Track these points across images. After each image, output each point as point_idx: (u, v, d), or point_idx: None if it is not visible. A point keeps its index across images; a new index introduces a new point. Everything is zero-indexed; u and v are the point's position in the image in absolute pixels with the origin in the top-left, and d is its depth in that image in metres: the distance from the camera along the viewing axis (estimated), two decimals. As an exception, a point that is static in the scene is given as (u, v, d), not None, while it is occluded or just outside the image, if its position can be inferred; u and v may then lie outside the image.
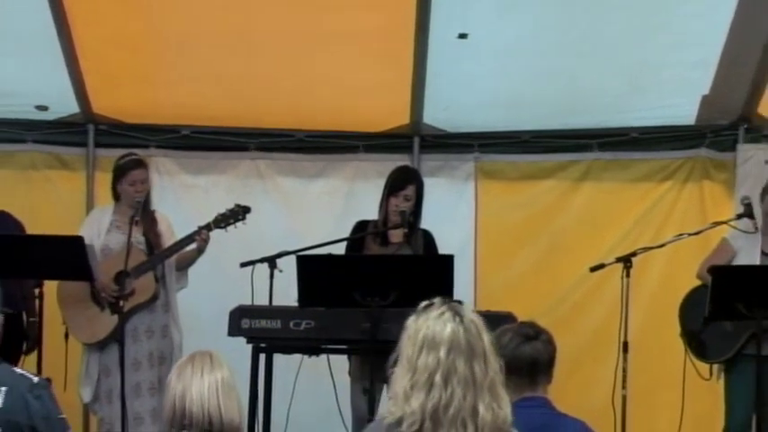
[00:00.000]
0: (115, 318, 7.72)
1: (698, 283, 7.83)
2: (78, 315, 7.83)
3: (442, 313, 3.75)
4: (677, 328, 7.93)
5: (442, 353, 3.69)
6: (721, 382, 7.93)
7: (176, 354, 7.85)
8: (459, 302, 3.89)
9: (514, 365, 4.40)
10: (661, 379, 8.49)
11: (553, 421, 4.59)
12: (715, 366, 7.89)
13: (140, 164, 8.02)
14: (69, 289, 7.79)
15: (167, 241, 7.98)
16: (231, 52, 8.53)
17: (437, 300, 3.82)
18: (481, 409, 3.67)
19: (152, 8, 8.33)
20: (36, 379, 4.91)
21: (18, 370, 4.99)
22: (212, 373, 4.60)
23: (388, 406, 3.77)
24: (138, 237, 7.86)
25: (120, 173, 7.95)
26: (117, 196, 8.02)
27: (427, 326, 3.73)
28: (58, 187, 9.04)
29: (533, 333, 4.77)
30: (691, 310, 7.81)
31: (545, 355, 4.72)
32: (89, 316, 7.65)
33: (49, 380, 5.11)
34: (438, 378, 3.67)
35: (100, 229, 7.93)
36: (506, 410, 3.71)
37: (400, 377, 3.72)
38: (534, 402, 4.58)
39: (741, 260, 7.82)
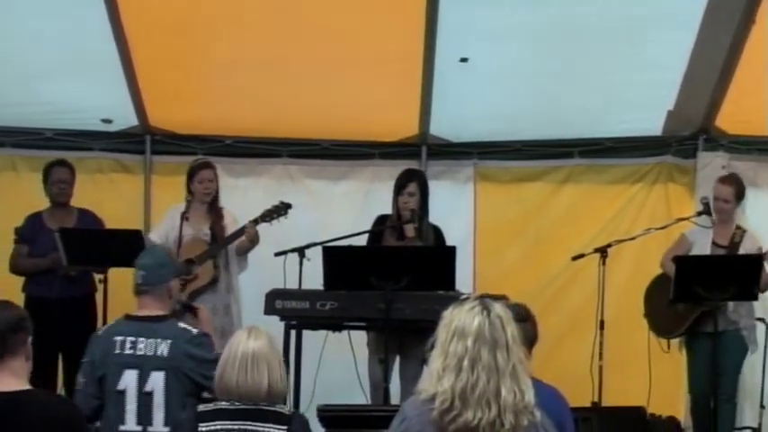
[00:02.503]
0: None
1: (661, 272, 7.88)
2: None
3: (473, 307, 3.72)
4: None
5: (470, 342, 3.66)
6: (684, 354, 8.00)
7: (237, 325, 7.78)
8: (502, 297, 3.87)
9: None
10: (632, 351, 8.34)
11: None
12: (675, 341, 7.93)
13: (207, 165, 8.04)
14: None
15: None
16: (268, 74, 8.51)
17: (473, 295, 3.82)
18: (503, 392, 3.64)
19: (201, 36, 8.33)
20: (195, 331, 5.23)
21: (181, 324, 5.25)
22: (246, 347, 4.55)
23: (423, 383, 3.76)
24: (204, 229, 7.86)
25: (191, 173, 7.96)
26: (191, 194, 7.99)
27: (459, 317, 3.70)
28: (120, 188, 9.04)
29: (524, 315, 4.85)
30: (652, 295, 7.89)
31: (531, 335, 4.82)
32: None
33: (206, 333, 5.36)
34: (466, 363, 3.64)
35: (174, 223, 7.89)
36: (528, 394, 3.70)
37: (435, 359, 3.72)
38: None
39: (695, 251, 7.88)
